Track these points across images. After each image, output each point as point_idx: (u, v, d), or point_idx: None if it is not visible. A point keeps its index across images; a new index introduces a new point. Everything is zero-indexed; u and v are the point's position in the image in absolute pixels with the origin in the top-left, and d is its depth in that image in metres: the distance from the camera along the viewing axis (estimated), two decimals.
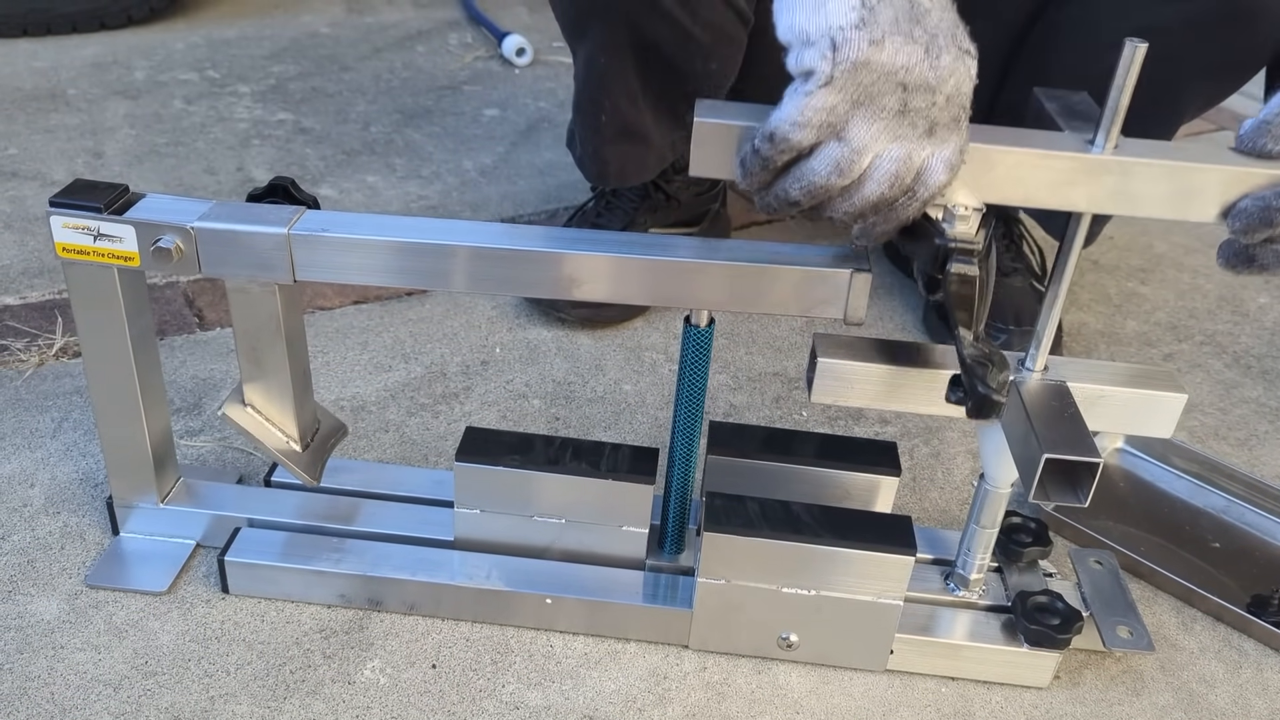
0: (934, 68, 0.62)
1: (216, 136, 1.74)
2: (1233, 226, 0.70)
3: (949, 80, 0.63)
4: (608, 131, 1.24)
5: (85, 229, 0.76)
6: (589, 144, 1.29)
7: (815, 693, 0.85)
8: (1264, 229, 0.69)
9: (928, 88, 0.63)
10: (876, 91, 0.62)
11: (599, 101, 1.22)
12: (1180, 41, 1.04)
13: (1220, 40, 1.05)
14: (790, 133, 0.63)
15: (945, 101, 0.64)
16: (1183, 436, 1.17)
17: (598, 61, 1.19)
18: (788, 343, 1.30)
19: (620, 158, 1.27)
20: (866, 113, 0.63)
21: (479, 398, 1.17)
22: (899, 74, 0.62)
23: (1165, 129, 1.17)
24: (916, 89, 0.63)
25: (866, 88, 0.62)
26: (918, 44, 0.62)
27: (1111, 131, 0.69)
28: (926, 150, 0.64)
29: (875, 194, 0.65)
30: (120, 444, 0.87)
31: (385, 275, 0.77)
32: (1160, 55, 0.83)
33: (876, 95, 0.62)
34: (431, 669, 0.85)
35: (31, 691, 0.80)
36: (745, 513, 0.83)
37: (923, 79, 0.62)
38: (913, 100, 0.63)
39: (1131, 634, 0.86)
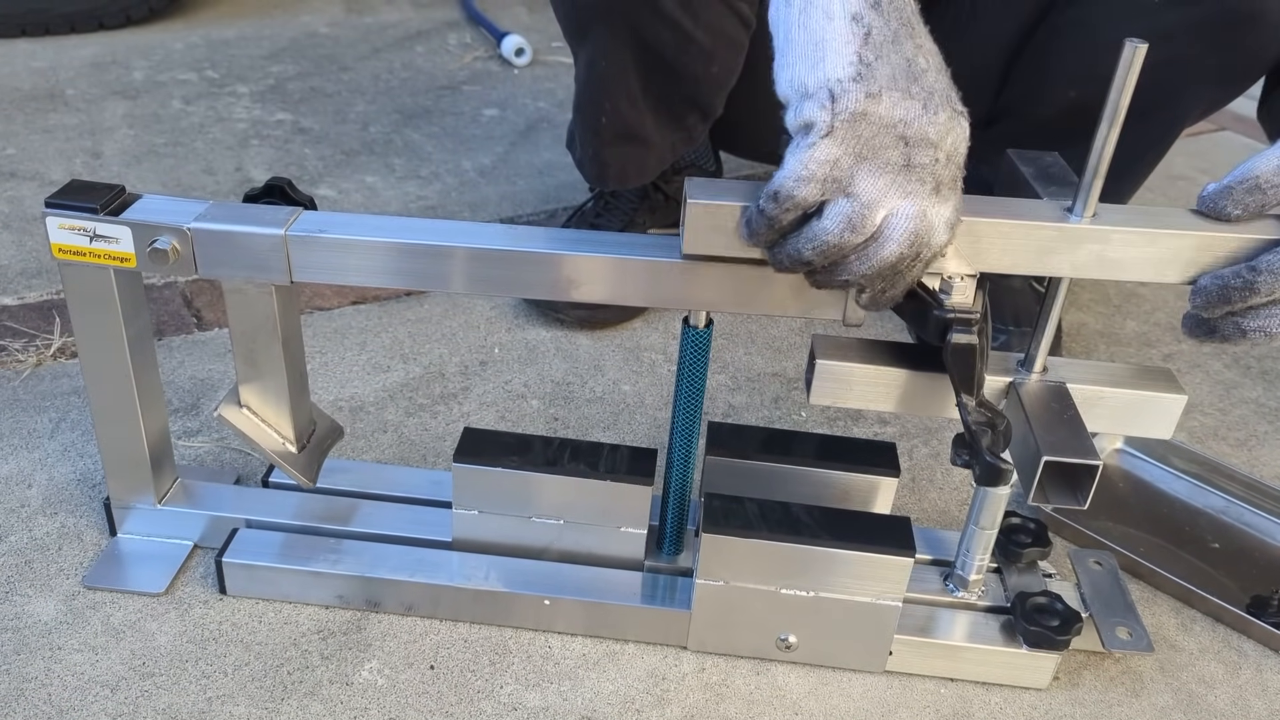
0: (933, 123, 0.62)
1: (215, 137, 1.74)
2: (1194, 302, 0.72)
3: (947, 138, 0.63)
4: (608, 134, 1.24)
5: (81, 230, 0.76)
6: (589, 146, 1.29)
7: (814, 694, 0.85)
8: (1222, 305, 0.71)
9: (929, 143, 0.62)
10: (879, 145, 0.62)
11: (599, 104, 1.22)
12: (1182, 47, 1.04)
13: (1222, 46, 1.05)
14: (795, 188, 0.62)
15: (945, 159, 0.63)
16: (1182, 437, 1.17)
17: (598, 64, 1.19)
18: (786, 343, 1.30)
19: (620, 160, 1.27)
20: (871, 167, 0.62)
21: (477, 398, 1.16)
22: (899, 127, 0.61)
23: (1166, 133, 1.17)
24: (918, 144, 0.62)
25: (868, 140, 0.61)
26: (915, 100, 0.62)
27: (1090, 199, 0.71)
28: (936, 208, 0.63)
29: (894, 254, 0.63)
30: (117, 445, 0.87)
31: (382, 276, 0.77)
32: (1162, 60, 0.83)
33: (879, 149, 0.62)
34: (430, 670, 0.84)
35: (29, 693, 0.80)
36: (744, 514, 0.83)
37: (923, 133, 0.62)
38: (916, 155, 0.62)
39: (1131, 635, 0.86)
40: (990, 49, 1.22)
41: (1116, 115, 0.68)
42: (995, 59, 1.22)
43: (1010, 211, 0.72)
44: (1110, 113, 0.68)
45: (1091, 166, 0.70)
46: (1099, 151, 0.69)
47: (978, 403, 0.71)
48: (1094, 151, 0.69)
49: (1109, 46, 0.67)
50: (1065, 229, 0.71)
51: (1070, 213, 0.72)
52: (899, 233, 0.63)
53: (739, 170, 1.70)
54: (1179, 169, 1.89)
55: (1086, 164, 0.70)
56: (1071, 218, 0.72)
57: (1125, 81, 0.67)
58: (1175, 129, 1.16)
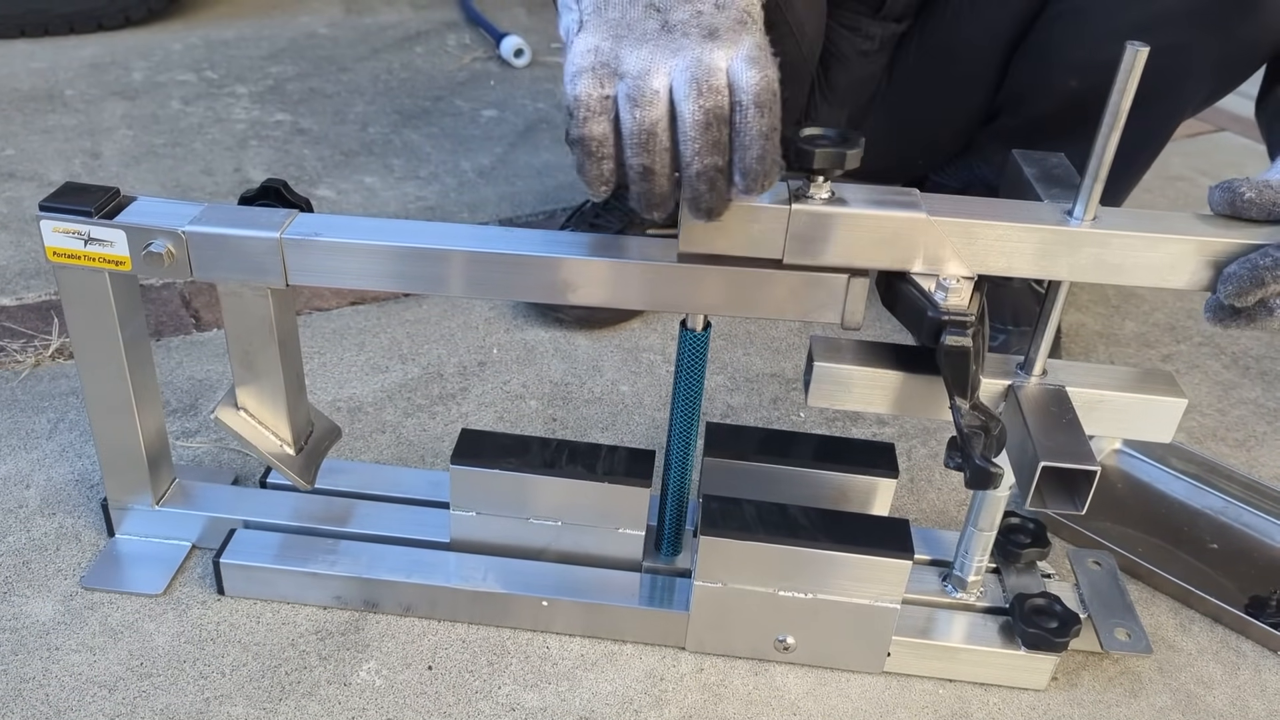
0: None
1: (214, 137, 1.74)
2: (1225, 292, 0.70)
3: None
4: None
5: (76, 233, 0.76)
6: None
7: (812, 694, 0.85)
8: (1256, 290, 0.69)
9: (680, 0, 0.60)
10: (630, 20, 0.61)
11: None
12: (1182, 32, 1.03)
13: (1223, 31, 1.05)
14: (571, 88, 0.60)
15: (713, 8, 0.61)
16: (1181, 438, 1.16)
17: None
18: (785, 343, 1.30)
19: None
20: (630, 41, 0.60)
21: (476, 399, 1.16)
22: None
23: (1165, 124, 1.16)
24: (669, 5, 0.61)
25: (618, 20, 0.61)
26: None
27: (1090, 201, 0.71)
28: (718, 54, 0.60)
29: (695, 109, 0.59)
30: (115, 447, 0.87)
31: (379, 279, 0.77)
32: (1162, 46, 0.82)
33: (632, 23, 0.61)
34: (428, 670, 0.84)
35: (26, 693, 0.80)
36: (742, 515, 0.83)
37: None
38: (671, 16, 0.61)
39: (1129, 636, 0.86)
40: (989, 42, 1.21)
41: (1117, 119, 0.68)
42: (994, 53, 1.22)
43: (1009, 214, 0.72)
44: (1110, 116, 0.68)
45: (1091, 170, 0.70)
46: (1099, 155, 0.69)
47: (971, 405, 0.71)
48: (1094, 155, 0.69)
49: (1110, 33, 0.66)
50: (1064, 232, 0.71)
51: (1070, 216, 0.72)
52: (682, 88, 0.59)
53: None
54: (1177, 170, 1.88)
55: (1086, 167, 0.70)
56: (1071, 221, 0.71)
57: (1126, 85, 0.66)
58: (1174, 120, 1.16)
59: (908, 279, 0.73)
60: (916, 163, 1.45)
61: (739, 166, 0.62)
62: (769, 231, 0.71)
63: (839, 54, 1.26)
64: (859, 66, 1.26)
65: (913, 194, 0.73)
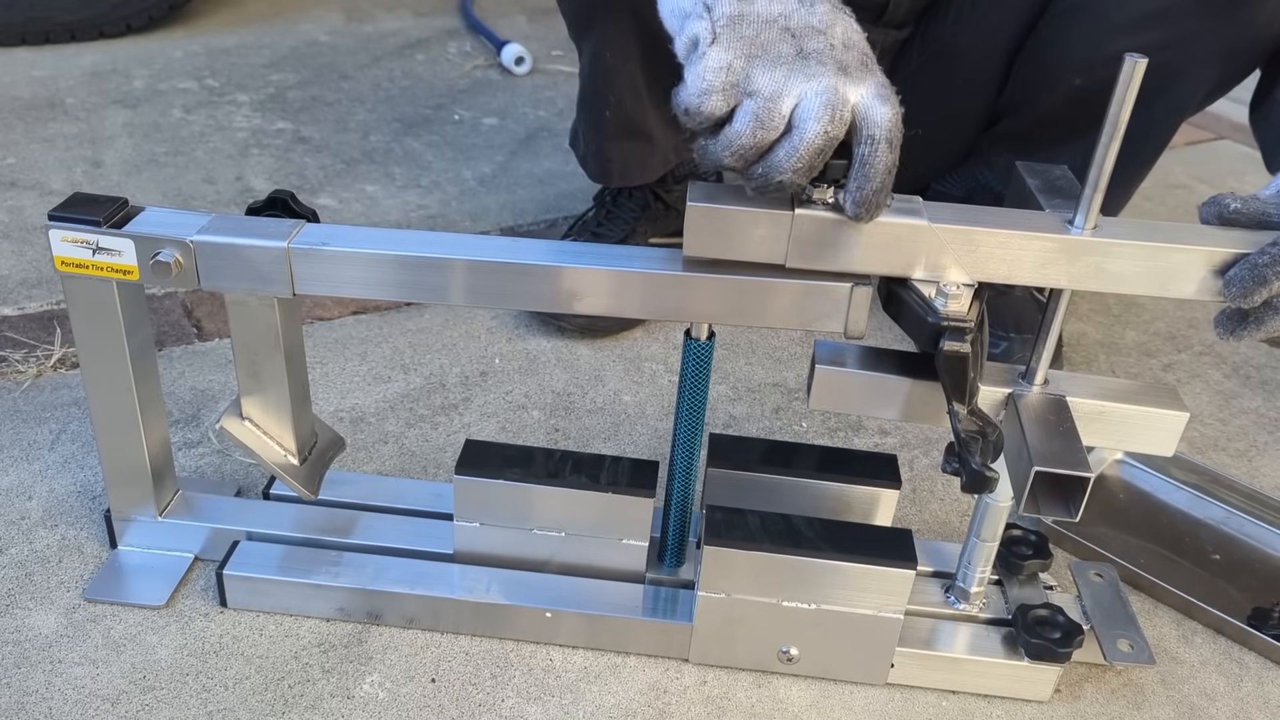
0: (812, 13, 0.64)
1: (215, 146, 1.74)
2: (1230, 295, 0.70)
3: (834, 27, 0.64)
4: (611, 128, 1.24)
5: (84, 243, 0.76)
6: (591, 141, 1.28)
7: (815, 706, 0.85)
8: (1260, 289, 0.69)
9: (815, 30, 0.63)
10: (766, 40, 0.62)
11: (604, 97, 1.21)
12: (1184, 24, 1.03)
13: (1224, 23, 1.04)
14: (700, 103, 0.62)
15: (842, 46, 0.64)
16: (1182, 448, 1.16)
17: (603, 56, 1.19)
18: (787, 353, 1.30)
19: (623, 156, 1.26)
20: (765, 62, 0.62)
21: (478, 409, 1.16)
22: (780, 20, 0.62)
23: (1169, 120, 1.15)
24: (805, 33, 0.63)
25: (753, 38, 0.62)
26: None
27: (1091, 210, 0.71)
28: (849, 87, 0.62)
29: (816, 132, 0.62)
30: (118, 457, 0.87)
31: (385, 289, 0.77)
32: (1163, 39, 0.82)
33: (768, 44, 0.62)
34: (431, 683, 0.84)
35: (29, 706, 0.80)
36: (746, 526, 0.83)
37: (806, 23, 0.63)
38: (807, 44, 0.62)
39: (1132, 647, 0.86)
40: (991, 46, 1.21)
41: (1116, 129, 0.68)
42: (997, 53, 1.22)
43: (1009, 222, 0.72)
44: (1110, 126, 0.68)
45: (1092, 179, 0.70)
46: (1099, 164, 0.69)
47: (969, 411, 0.72)
48: (1094, 164, 0.69)
49: (1112, 27, 0.66)
50: (1064, 241, 0.71)
51: (1071, 224, 0.72)
52: (813, 110, 0.62)
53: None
54: (1177, 178, 1.89)
55: (1087, 176, 0.70)
56: (1072, 229, 0.72)
57: (1125, 96, 0.67)
58: (1177, 117, 1.15)
59: (908, 285, 0.74)
60: (918, 169, 1.45)
61: (856, 196, 0.65)
62: (772, 236, 0.72)
63: None
64: None
65: (915, 201, 0.73)
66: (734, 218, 0.71)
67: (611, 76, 1.18)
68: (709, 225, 0.71)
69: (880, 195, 0.65)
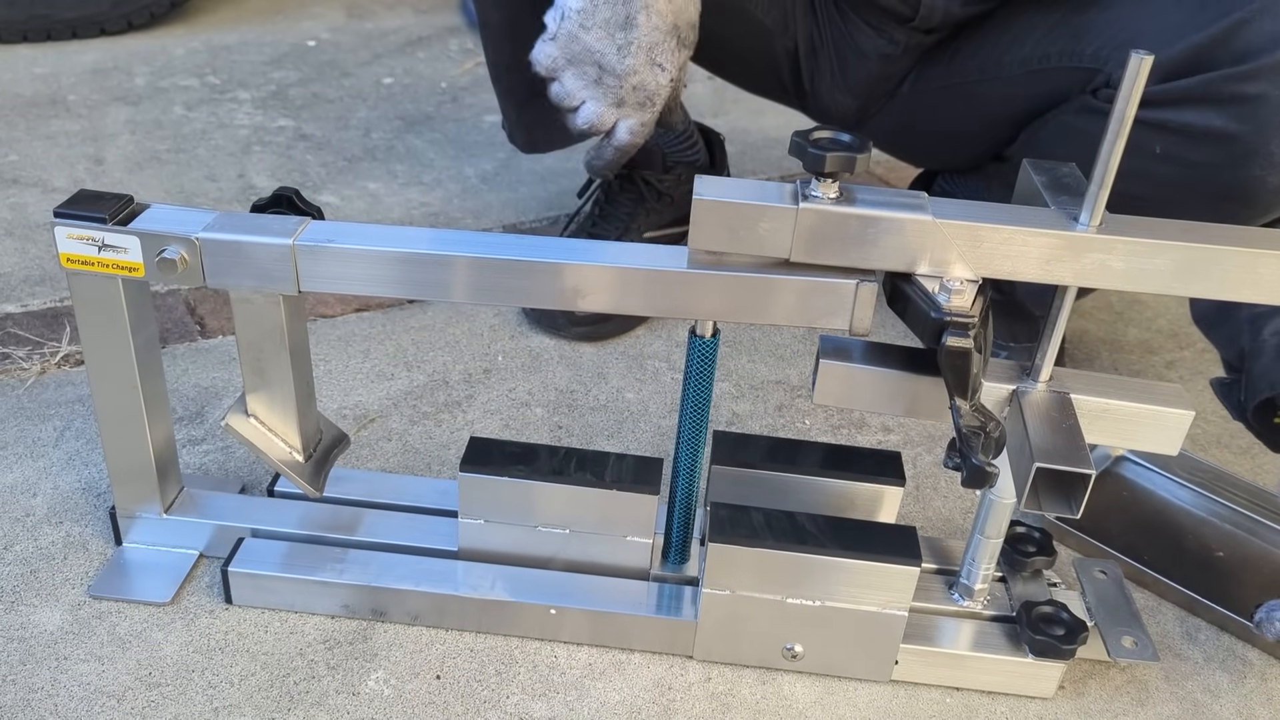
0: (620, 62, 0.94)
1: (217, 143, 1.74)
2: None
3: (633, 75, 0.95)
4: (521, 92, 1.22)
5: (90, 239, 0.76)
6: (508, 110, 1.28)
7: (820, 703, 0.85)
8: None
9: (615, 73, 0.95)
10: (581, 59, 0.95)
11: (505, 60, 1.20)
12: (1171, 194, 1.02)
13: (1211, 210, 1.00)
14: (534, 61, 0.97)
15: (632, 90, 0.96)
16: (1186, 445, 1.16)
17: (491, 15, 1.19)
18: (790, 350, 1.30)
19: (541, 120, 1.23)
20: (575, 71, 0.97)
21: (481, 406, 1.16)
22: (595, 55, 0.94)
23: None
24: (607, 71, 0.95)
25: (576, 54, 0.95)
26: (614, 41, 0.94)
27: (1096, 207, 0.71)
28: (614, 115, 0.97)
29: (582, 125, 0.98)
30: (123, 454, 0.87)
31: (390, 286, 0.77)
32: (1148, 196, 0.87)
33: (581, 62, 0.95)
34: (436, 680, 0.84)
35: (35, 703, 0.80)
36: (750, 523, 0.83)
37: (611, 66, 0.95)
38: (605, 78, 0.95)
39: (1136, 644, 0.86)
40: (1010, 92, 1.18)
41: (1122, 124, 0.68)
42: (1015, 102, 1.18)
43: (1014, 218, 0.72)
44: (1116, 122, 0.68)
45: (1097, 176, 0.70)
46: (1104, 161, 0.69)
47: (972, 407, 0.72)
48: (1099, 161, 0.69)
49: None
50: (1069, 237, 0.71)
51: (1076, 221, 0.72)
52: (583, 116, 0.98)
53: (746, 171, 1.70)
54: None
55: (1093, 172, 0.70)
56: (1077, 226, 0.72)
57: (1131, 93, 0.67)
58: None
59: (912, 280, 0.74)
60: (923, 161, 1.45)
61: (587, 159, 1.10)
62: (777, 229, 0.72)
63: (859, 49, 1.24)
64: (878, 66, 1.24)
65: (920, 196, 0.73)
66: (739, 211, 0.71)
67: (503, 37, 1.18)
68: (714, 219, 0.72)
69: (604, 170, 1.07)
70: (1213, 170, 1.00)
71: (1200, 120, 0.98)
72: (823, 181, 0.71)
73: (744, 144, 1.81)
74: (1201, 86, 0.98)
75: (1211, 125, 0.98)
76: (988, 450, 0.70)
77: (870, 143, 0.71)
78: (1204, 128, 0.98)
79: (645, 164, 1.39)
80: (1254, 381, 0.96)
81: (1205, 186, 1.02)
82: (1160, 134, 1.00)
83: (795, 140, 0.71)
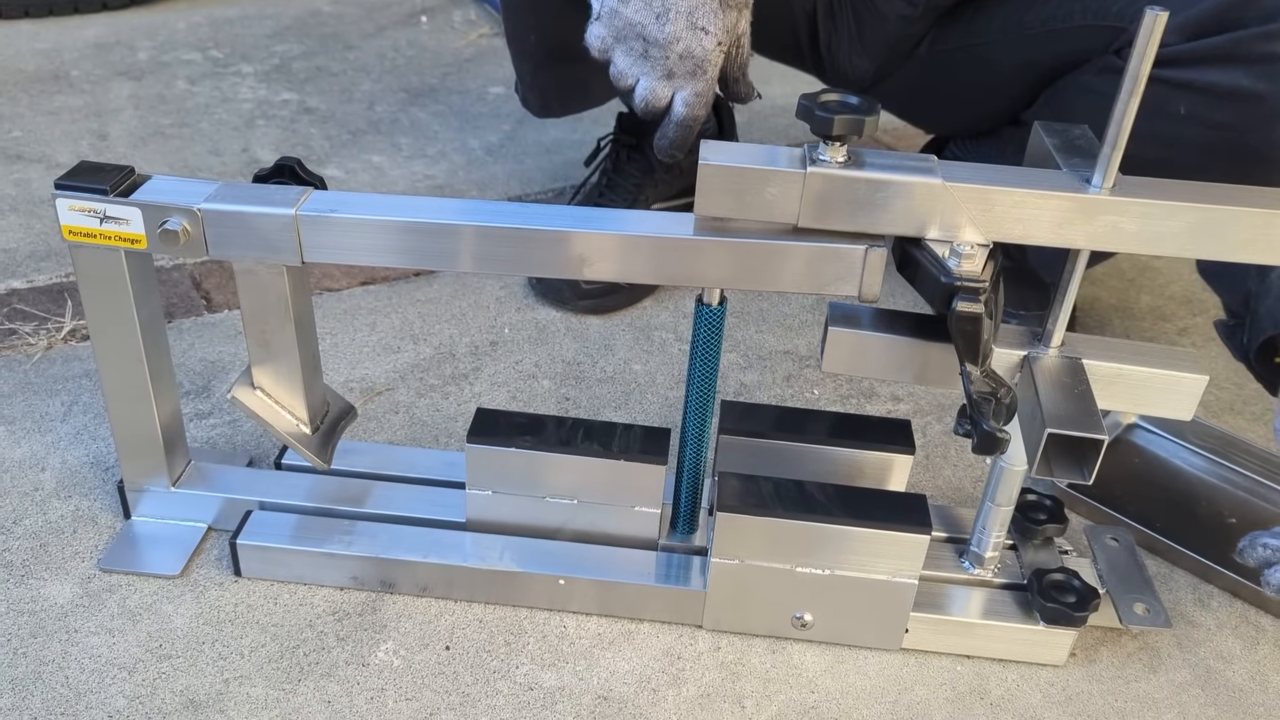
0: (660, 30, 0.88)
1: (221, 117, 1.73)
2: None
3: (676, 43, 0.88)
4: (539, 54, 1.22)
5: (92, 211, 0.75)
6: (524, 72, 1.26)
7: (830, 671, 0.85)
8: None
9: (658, 43, 0.89)
10: (626, 35, 0.90)
11: (525, 21, 1.19)
12: (1193, 157, 1.01)
13: (1232, 170, 1.01)
14: (588, 46, 0.93)
15: (679, 59, 0.89)
16: (1198, 412, 1.15)
17: None
18: (798, 320, 1.29)
19: (559, 83, 1.24)
20: (623, 49, 0.91)
21: (488, 378, 1.16)
22: (637, 28, 0.89)
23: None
24: (651, 42, 0.89)
25: (620, 30, 0.90)
26: (652, 10, 0.88)
27: (1109, 169, 0.70)
28: (667, 88, 0.91)
29: (640, 104, 0.92)
30: (130, 428, 0.87)
31: (393, 256, 0.76)
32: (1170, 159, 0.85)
33: (626, 38, 0.90)
34: (445, 650, 0.85)
35: (46, 675, 0.80)
36: (759, 492, 0.82)
37: (653, 36, 0.88)
38: (650, 50, 0.90)
39: (1148, 611, 0.86)
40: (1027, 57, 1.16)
41: (1136, 84, 0.67)
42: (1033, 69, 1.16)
43: (1026, 181, 0.71)
44: (1130, 81, 0.67)
45: (1110, 137, 0.69)
46: (1118, 121, 0.68)
47: (983, 372, 0.71)
48: (1113, 122, 0.68)
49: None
50: (1082, 200, 0.70)
51: (1089, 184, 0.71)
52: (638, 94, 0.92)
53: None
54: None
55: (1105, 134, 0.69)
56: (1090, 189, 0.71)
57: (1145, 50, 0.66)
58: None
59: (922, 245, 0.73)
60: (936, 126, 1.43)
61: (656, 144, 0.94)
62: (784, 194, 0.71)
63: (878, 11, 1.22)
64: (897, 28, 1.23)
65: (929, 160, 0.72)
66: (745, 176, 0.70)
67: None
68: (720, 184, 0.71)
69: (671, 150, 0.93)
70: (1237, 132, 0.99)
71: (1226, 80, 0.97)
72: (831, 145, 0.70)
73: (751, 112, 1.79)
74: (1228, 45, 0.96)
75: (1238, 85, 0.96)
76: (999, 416, 0.69)
77: (879, 105, 0.70)
78: (1230, 87, 0.97)
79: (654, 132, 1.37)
80: (1259, 320, 0.95)
81: (1229, 149, 1.00)
82: (1184, 94, 0.99)
83: (802, 103, 0.70)
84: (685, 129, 0.92)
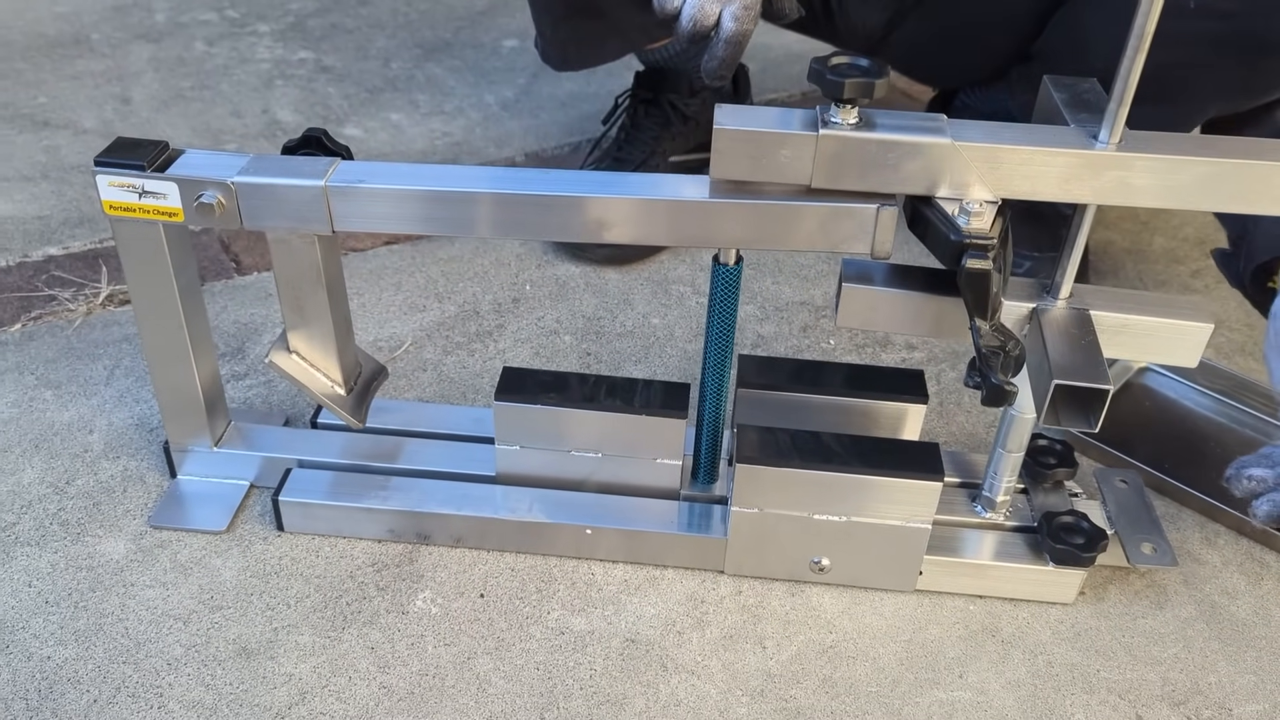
0: None
1: (240, 79, 1.75)
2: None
3: None
4: (559, 9, 1.22)
5: (130, 187, 0.78)
6: (543, 25, 1.27)
7: (847, 613, 0.89)
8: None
9: None
10: None
11: None
12: (1201, 52, 1.03)
13: (1241, 63, 1.04)
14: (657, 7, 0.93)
15: None
16: (1209, 354, 1.17)
17: None
18: (814, 271, 1.32)
19: (578, 35, 1.24)
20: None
21: (512, 335, 1.19)
22: None
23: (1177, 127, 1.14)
24: None
25: None
26: None
27: (1116, 125, 0.71)
28: (715, 5, 0.91)
29: (688, 25, 0.92)
30: (173, 392, 0.91)
31: (420, 224, 0.79)
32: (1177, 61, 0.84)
33: None
34: (480, 598, 0.89)
35: (107, 627, 0.85)
36: (776, 443, 0.86)
37: None
38: None
39: (1155, 550, 0.89)
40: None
41: (1142, 40, 0.68)
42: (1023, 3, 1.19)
43: (1033, 138, 0.73)
44: (1135, 38, 0.68)
45: (1117, 93, 0.70)
46: (1124, 77, 0.69)
47: (992, 326, 0.73)
48: (1119, 77, 0.69)
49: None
50: (1088, 156, 0.72)
51: (1095, 139, 0.72)
52: (685, 15, 0.91)
53: (766, 96, 1.69)
54: None
55: (1113, 89, 0.70)
56: (1096, 144, 0.72)
57: (1150, 6, 0.67)
58: (1181, 127, 1.14)
59: (932, 203, 0.75)
60: (946, 77, 1.43)
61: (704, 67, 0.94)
62: (797, 156, 0.73)
63: None
64: None
65: (939, 119, 0.74)
66: (759, 139, 0.72)
67: None
68: (735, 147, 0.73)
69: (719, 71, 0.93)
70: (1246, 20, 1.01)
71: None
72: (842, 107, 0.72)
73: (765, 60, 1.79)
74: None
75: None
76: (1007, 369, 0.72)
77: (888, 67, 0.72)
78: None
79: (671, 87, 1.39)
80: (1255, 244, 0.98)
81: (1238, 39, 1.02)
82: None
83: (814, 66, 0.72)
84: (734, 45, 0.91)
